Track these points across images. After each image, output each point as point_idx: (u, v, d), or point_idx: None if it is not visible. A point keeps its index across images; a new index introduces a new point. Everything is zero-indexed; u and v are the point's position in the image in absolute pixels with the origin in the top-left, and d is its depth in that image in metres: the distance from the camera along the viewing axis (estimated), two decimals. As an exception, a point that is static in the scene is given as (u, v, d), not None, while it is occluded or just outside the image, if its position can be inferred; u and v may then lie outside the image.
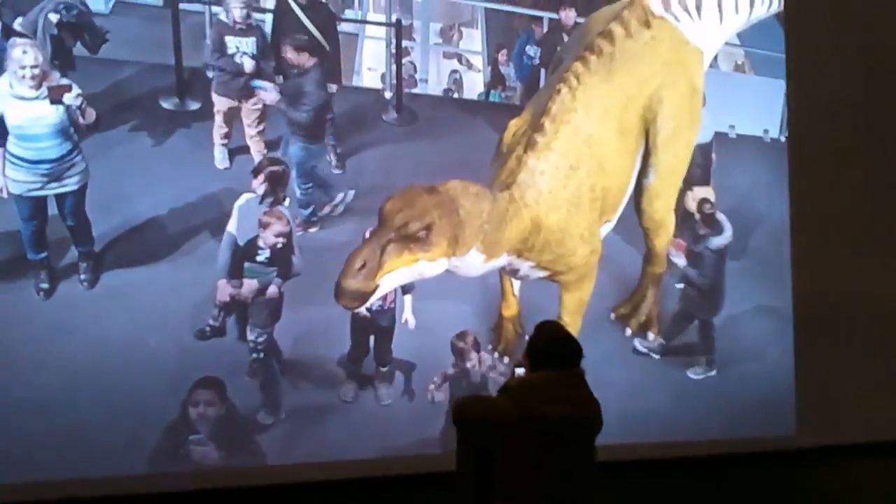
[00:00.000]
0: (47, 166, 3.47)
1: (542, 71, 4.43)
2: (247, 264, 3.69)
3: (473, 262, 3.54)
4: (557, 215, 3.72)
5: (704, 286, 4.44)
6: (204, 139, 3.90)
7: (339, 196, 3.99)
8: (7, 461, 3.29)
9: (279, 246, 3.68)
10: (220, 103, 3.91)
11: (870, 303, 4.81)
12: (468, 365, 3.89)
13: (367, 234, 3.48)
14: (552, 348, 2.42)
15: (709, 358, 4.48)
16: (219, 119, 3.90)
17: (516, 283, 4.08)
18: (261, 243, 3.67)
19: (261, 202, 3.68)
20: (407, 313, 3.82)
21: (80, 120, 3.48)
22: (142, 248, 3.68)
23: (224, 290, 3.66)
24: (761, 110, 4.89)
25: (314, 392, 3.82)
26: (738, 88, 4.92)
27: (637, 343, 4.39)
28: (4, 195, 3.46)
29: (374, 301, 3.50)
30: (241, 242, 3.67)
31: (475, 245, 3.49)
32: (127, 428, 3.48)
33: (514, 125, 3.91)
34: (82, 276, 3.59)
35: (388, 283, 3.32)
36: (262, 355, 3.70)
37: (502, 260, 3.68)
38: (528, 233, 3.66)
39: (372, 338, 3.87)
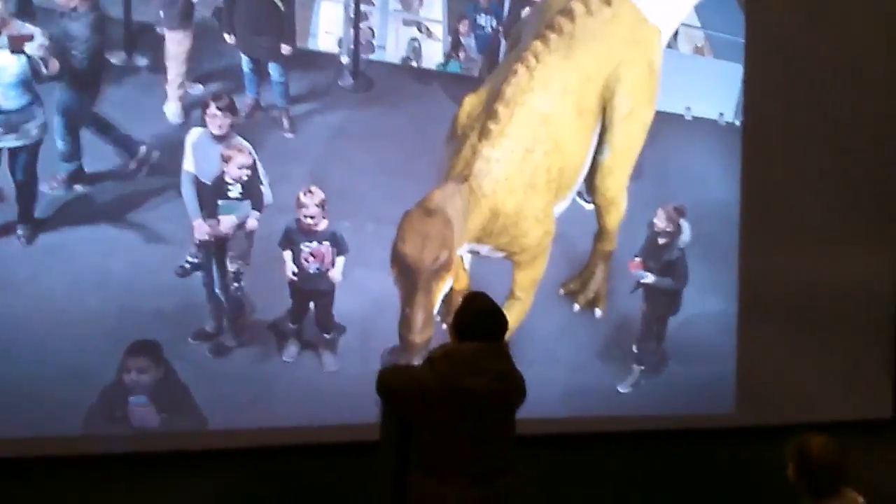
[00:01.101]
0: (3, 117, 3.42)
1: (504, 42, 4.45)
2: (220, 201, 3.71)
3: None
4: (514, 199, 3.81)
5: (681, 287, 4.59)
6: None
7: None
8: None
9: (244, 178, 3.71)
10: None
11: (812, 287, 4.98)
12: None
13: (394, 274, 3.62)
14: (478, 320, 2.48)
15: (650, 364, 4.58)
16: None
17: (466, 258, 4.14)
18: (227, 178, 3.70)
19: (216, 135, 3.69)
20: (336, 272, 3.88)
21: (43, 70, 3.44)
22: (85, 207, 3.64)
23: (201, 228, 3.69)
24: (718, 93, 4.99)
25: (258, 356, 3.84)
26: (697, 71, 5.01)
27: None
28: None
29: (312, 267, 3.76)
30: (204, 179, 3.69)
31: (461, 242, 3.67)
32: (63, 387, 3.48)
33: (469, 103, 3.96)
34: (20, 232, 3.55)
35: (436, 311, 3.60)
36: (241, 284, 3.77)
37: (463, 249, 3.81)
38: (486, 221, 3.78)
39: (312, 304, 3.91)
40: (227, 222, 3.72)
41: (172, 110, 3.84)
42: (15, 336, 3.45)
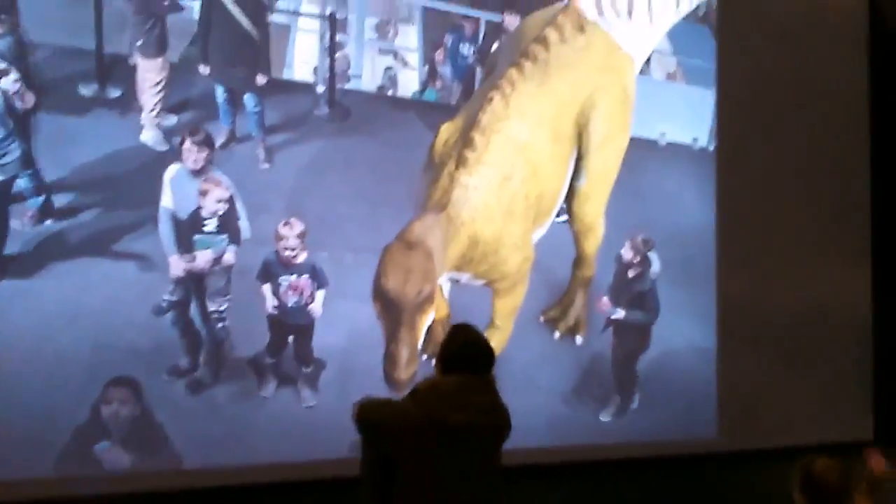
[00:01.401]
0: None
1: (479, 69, 4.48)
2: (196, 236, 3.67)
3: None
4: (493, 227, 3.82)
5: (652, 321, 4.59)
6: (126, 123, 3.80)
7: None
8: None
9: (221, 212, 3.67)
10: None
11: (790, 310, 5.04)
12: None
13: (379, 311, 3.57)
14: (464, 353, 2.43)
15: (627, 395, 4.57)
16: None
17: (446, 286, 4.12)
18: (203, 213, 3.65)
19: (194, 170, 3.66)
20: (316, 306, 3.85)
21: (19, 104, 3.42)
22: (56, 242, 3.57)
23: (177, 264, 3.64)
24: (691, 119, 5.07)
25: (236, 393, 3.77)
26: (670, 96, 5.08)
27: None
28: None
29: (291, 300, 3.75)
30: (181, 216, 3.65)
31: (441, 272, 3.66)
32: (34, 428, 3.38)
33: (446, 131, 3.97)
34: None
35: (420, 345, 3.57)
36: (226, 323, 3.73)
37: (443, 279, 3.79)
38: (466, 249, 3.78)
39: (291, 337, 3.86)
40: (203, 257, 3.68)
41: (152, 138, 3.79)
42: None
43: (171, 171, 3.69)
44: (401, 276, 3.48)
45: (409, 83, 4.44)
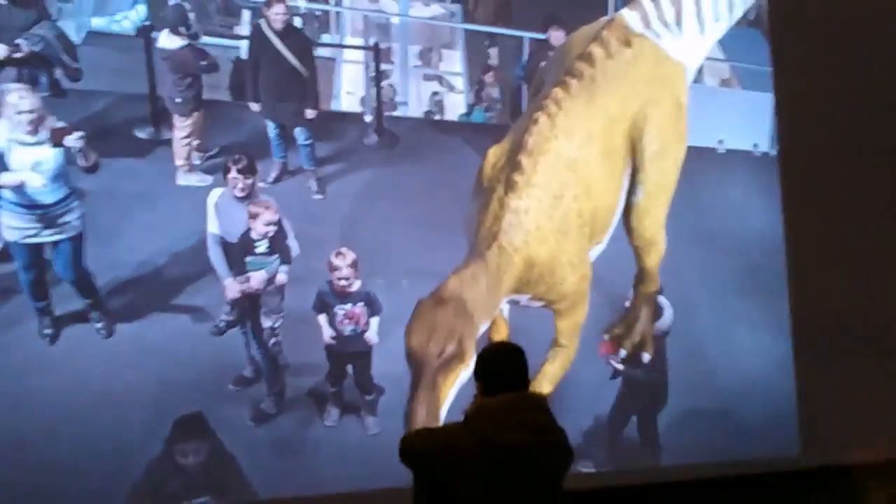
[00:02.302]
0: (41, 211, 3.49)
1: (524, 87, 4.49)
2: (249, 258, 3.74)
3: (482, 331, 3.62)
4: (547, 248, 3.75)
5: (654, 381, 4.28)
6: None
7: None
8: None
9: (270, 234, 3.74)
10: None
11: (870, 315, 4.82)
12: None
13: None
14: (498, 369, 2.32)
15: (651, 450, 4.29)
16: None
17: (505, 307, 4.10)
18: (253, 235, 3.73)
19: (239, 195, 3.74)
20: (371, 333, 3.86)
21: (82, 163, 3.49)
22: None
23: (233, 287, 3.72)
24: (750, 124, 4.97)
25: (300, 422, 3.82)
26: (726, 103, 4.99)
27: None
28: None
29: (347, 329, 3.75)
30: (229, 239, 3.73)
31: (484, 320, 3.56)
32: (106, 463, 3.48)
33: (493, 155, 3.94)
34: (98, 325, 3.66)
35: (445, 409, 3.41)
36: (279, 338, 3.80)
37: (504, 304, 3.76)
38: (521, 272, 3.71)
39: (350, 366, 3.90)
40: (257, 278, 3.75)
41: (194, 179, 3.93)
42: (57, 417, 3.47)
43: (215, 196, 3.77)
44: (424, 334, 3.38)
45: (455, 107, 4.48)
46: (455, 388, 3.41)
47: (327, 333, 3.82)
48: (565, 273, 3.83)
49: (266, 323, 3.82)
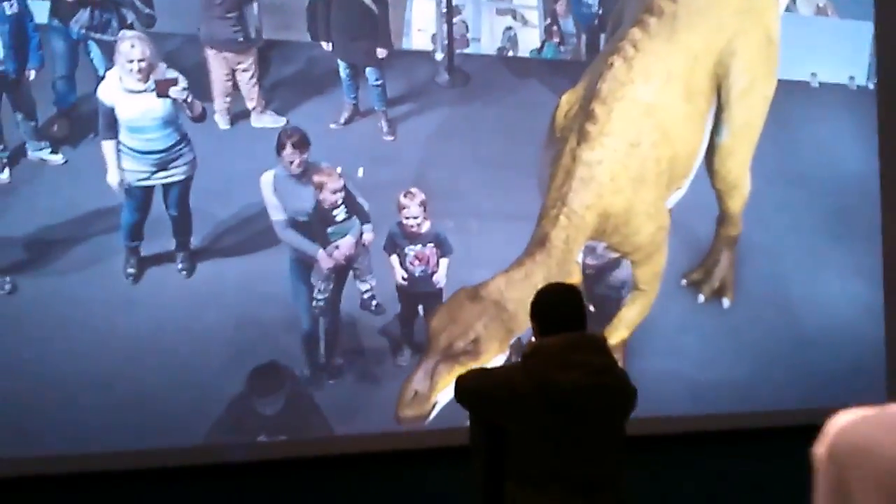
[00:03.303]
0: (156, 157, 3.63)
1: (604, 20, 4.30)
2: (330, 229, 3.75)
3: None
4: (622, 198, 3.65)
5: None
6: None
7: None
8: (73, 433, 3.48)
9: (341, 200, 3.73)
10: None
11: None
12: None
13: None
14: (555, 309, 2.26)
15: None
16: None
17: (579, 255, 4.02)
18: (326, 205, 3.72)
19: (296, 171, 3.70)
20: (440, 275, 3.84)
21: (187, 113, 3.62)
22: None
23: (326, 260, 3.74)
24: (846, 56, 4.64)
25: (375, 359, 3.89)
26: (821, 33, 4.67)
27: None
28: (123, 185, 3.63)
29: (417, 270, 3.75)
30: (300, 217, 3.71)
31: None
32: (189, 399, 3.62)
33: (567, 101, 3.81)
34: (180, 266, 3.77)
35: (444, 396, 3.43)
36: (377, 300, 3.86)
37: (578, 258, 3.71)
38: (594, 228, 3.64)
39: (421, 306, 3.90)
40: (347, 244, 3.75)
41: (269, 121, 3.94)
42: (141, 353, 3.62)
43: (268, 180, 3.71)
44: (444, 322, 3.42)
45: (530, 42, 4.34)
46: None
47: (399, 274, 3.84)
48: (641, 223, 3.71)
49: (362, 287, 3.84)
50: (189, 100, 3.59)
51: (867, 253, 4.47)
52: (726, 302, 4.28)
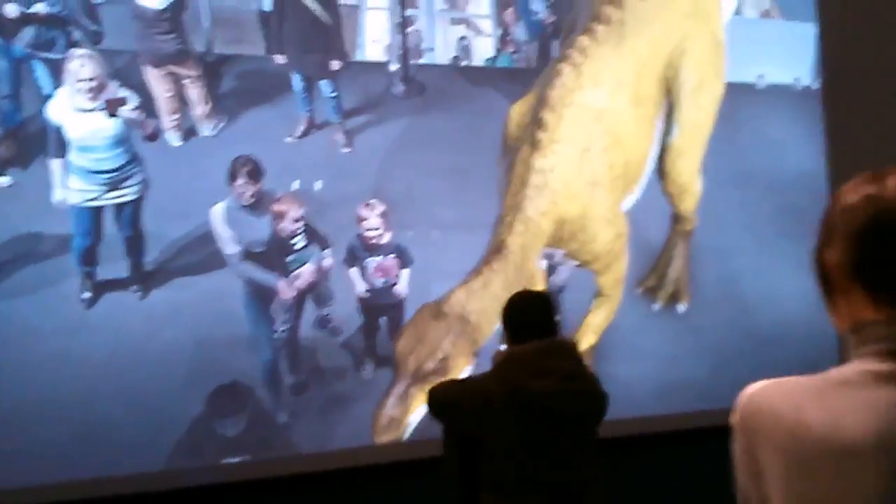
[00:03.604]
0: (105, 176, 3.55)
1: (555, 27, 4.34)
2: (289, 258, 3.69)
3: None
4: (577, 203, 3.67)
5: None
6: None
7: None
8: (28, 464, 3.37)
9: (300, 229, 3.69)
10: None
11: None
12: None
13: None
14: (528, 314, 2.27)
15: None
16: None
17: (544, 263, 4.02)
18: (285, 234, 3.65)
19: (248, 202, 3.63)
20: (401, 286, 3.83)
21: (140, 132, 3.56)
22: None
23: (287, 289, 3.68)
24: (791, 57, 4.76)
25: (336, 375, 3.84)
26: (767, 35, 4.79)
27: None
28: (66, 204, 3.54)
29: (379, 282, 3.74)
30: (255, 249, 3.65)
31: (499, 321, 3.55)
32: (146, 424, 3.54)
33: (517, 113, 3.82)
34: (134, 287, 3.67)
35: (416, 417, 3.47)
36: (334, 323, 3.82)
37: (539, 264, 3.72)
38: (551, 233, 3.66)
39: (384, 318, 3.89)
40: (308, 272, 3.71)
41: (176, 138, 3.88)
42: (96, 376, 3.52)
43: (218, 213, 3.63)
44: (411, 344, 3.44)
45: (484, 51, 4.36)
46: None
47: (360, 286, 3.81)
48: (598, 229, 3.72)
49: (323, 312, 3.81)
50: (140, 119, 3.52)
51: (818, 249, 4.58)
52: (682, 307, 4.30)
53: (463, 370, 3.46)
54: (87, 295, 3.61)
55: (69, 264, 3.59)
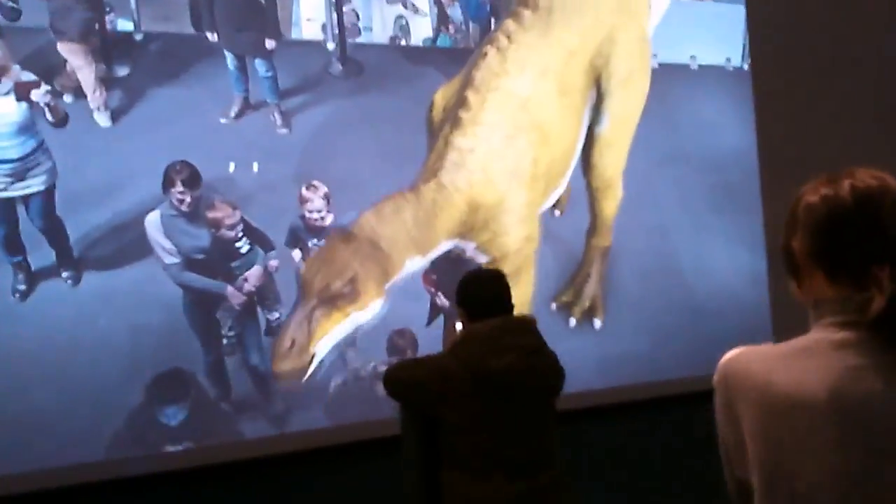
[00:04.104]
0: (9, 166, 3.35)
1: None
2: (234, 263, 3.61)
3: (413, 267, 3.52)
4: (494, 190, 3.60)
5: None
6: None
7: None
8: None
9: (240, 233, 3.60)
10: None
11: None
12: None
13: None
14: (484, 291, 2.27)
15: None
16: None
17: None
18: (225, 240, 3.55)
19: (186, 210, 3.52)
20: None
21: (48, 117, 3.36)
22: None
23: (237, 296, 3.60)
24: (723, 38, 4.90)
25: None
26: (698, 17, 4.91)
27: None
28: None
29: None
30: (195, 256, 3.53)
31: (408, 256, 3.47)
32: (84, 414, 3.44)
33: (442, 97, 3.79)
34: (64, 275, 3.52)
35: (323, 346, 3.32)
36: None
37: (445, 245, 3.61)
38: (465, 216, 3.56)
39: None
40: (255, 275, 3.63)
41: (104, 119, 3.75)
42: (28, 369, 3.40)
43: (154, 221, 3.50)
44: (316, 265, 3.32)
45: (422, 31, 4.34)
46: (342, 328, 3.35)
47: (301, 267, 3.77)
48: (511, 223, 3.64)
49: (271, 316, 3.71)
50: (52, 103, 3.35)
51: (750, 224, 4.75)
52: (598, 323, 4.28)
53: (373, 301, 3.35)
54: (22, 287, 3.47)
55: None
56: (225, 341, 3.64)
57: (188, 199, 3.52)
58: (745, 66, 4.88)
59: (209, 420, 3.63)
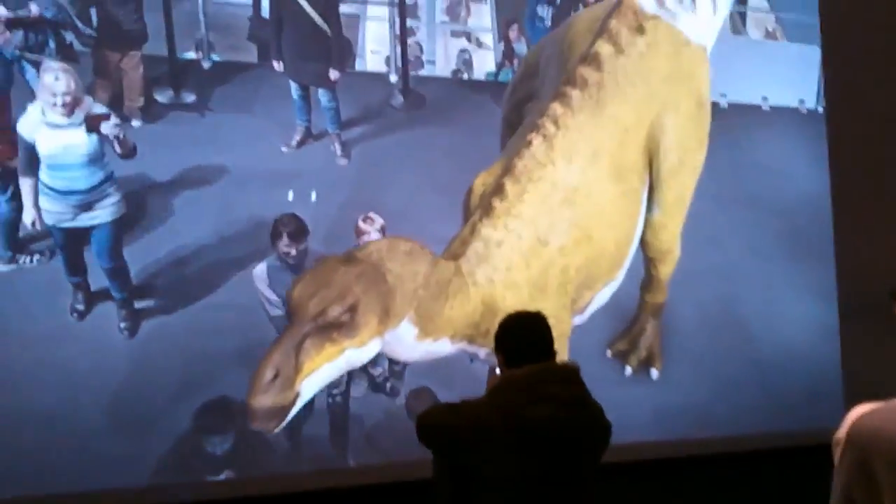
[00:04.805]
0: (77, 197, 3.46)
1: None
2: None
3: (405, 337, 3.01)
4: (517, 297, 3.16)
5: None
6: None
7: None
8: (7, 474, 3.30)
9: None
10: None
11: (922, 282, 4.66)
12: None
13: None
14: (524, 336, 2.13)
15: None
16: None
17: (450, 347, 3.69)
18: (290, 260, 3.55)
19: (291, 262, 3.51)
20: None
21: (118, 150, 3.44)
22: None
23: None
24: (796, 79, 4.78)
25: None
26: (771, 57, 4.81)
27: None
28: (38, 227, 3.50)
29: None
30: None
31: (408, 314, 2.97)
32: (131, 438, 3.48)
33: (482, 184, 3.37)
34: (122, 325, 3.59)
35: (310, 386, 2.83)
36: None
37: (446, 345, 3.18)
38: (478, 315, 3.13)
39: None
40: None
41: None
42: (80, 389, 3.47)
43: (261, 274, 3.53)
44: (311, 288, 2.81)
45: (484, 65, 4.36)
46: (334, 366, 2.86)
47: None
48: None
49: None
50: (121, 136, 3.41)
51: (821, 273, 4.57)
52: (655, 373, 4.09)
53: (371, 340, 2.88)
54: (80, 307, 3.55)
55: (57, 274, 3.53)
56: (329, 399, 3.62)
57: (293, 252, 3.52)
58: (820, 109, 4.74)
59: (254, 451, 3.63)
